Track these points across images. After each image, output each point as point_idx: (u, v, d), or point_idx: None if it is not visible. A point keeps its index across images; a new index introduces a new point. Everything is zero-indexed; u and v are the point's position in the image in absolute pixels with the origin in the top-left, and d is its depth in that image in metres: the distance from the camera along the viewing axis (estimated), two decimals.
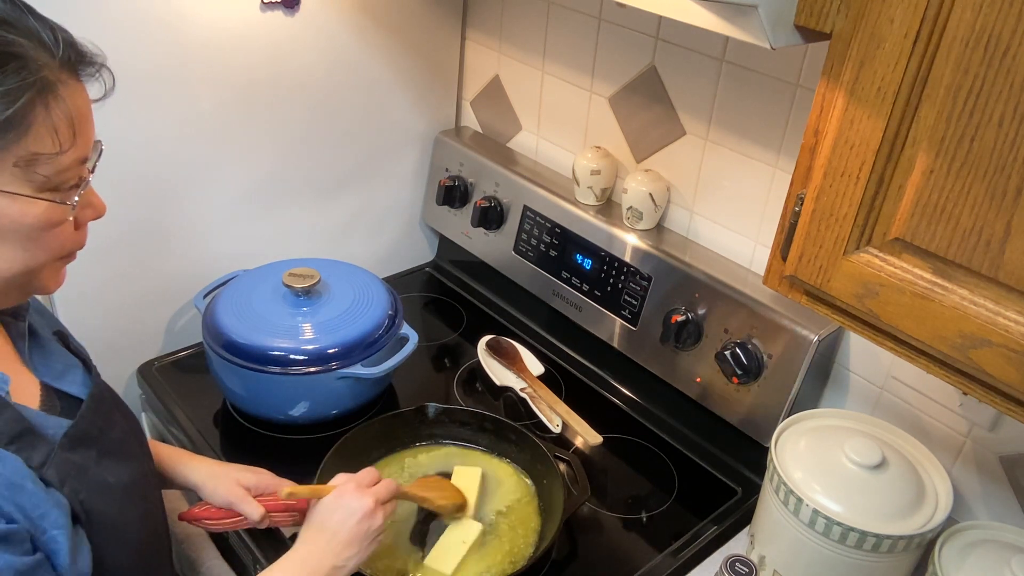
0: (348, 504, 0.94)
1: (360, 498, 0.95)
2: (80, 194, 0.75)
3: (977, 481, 1.08)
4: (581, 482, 1.15)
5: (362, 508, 0.94)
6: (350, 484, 0.97)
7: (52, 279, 0.79)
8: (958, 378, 0.71)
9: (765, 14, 0.71)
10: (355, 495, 0.95)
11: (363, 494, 0.95)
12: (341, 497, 0.95)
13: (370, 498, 0.95)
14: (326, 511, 0.95)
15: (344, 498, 0.95)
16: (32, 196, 0.70)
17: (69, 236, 0.77)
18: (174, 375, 1.39)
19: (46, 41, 0.69)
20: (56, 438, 0.77)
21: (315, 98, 1.43)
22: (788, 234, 0.79)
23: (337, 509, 0.94)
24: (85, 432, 0.81)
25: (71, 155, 0.71)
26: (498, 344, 1.47)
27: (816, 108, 0.74)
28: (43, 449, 0.75)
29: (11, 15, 0.68)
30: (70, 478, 0.76)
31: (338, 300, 1.29)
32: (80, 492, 0.77)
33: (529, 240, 1.50)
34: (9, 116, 0.66)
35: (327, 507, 0.95)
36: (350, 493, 0.95)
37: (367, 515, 0.94)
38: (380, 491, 0.97)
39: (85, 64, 0.73)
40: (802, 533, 0.99)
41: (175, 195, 1.34)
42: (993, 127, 0.62)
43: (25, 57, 0.67)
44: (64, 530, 0.73)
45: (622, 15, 1.33)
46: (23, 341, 0.85)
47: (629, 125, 1.39)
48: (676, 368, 1.31)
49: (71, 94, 0.71)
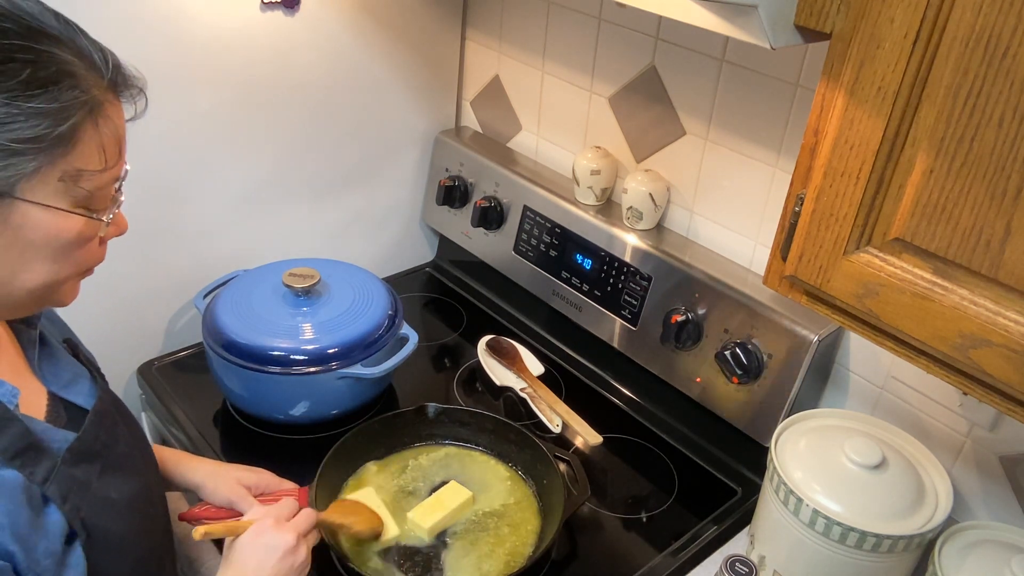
0: (268, 542, 0.90)
1: (280, 534, 0.90)
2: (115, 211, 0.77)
3: (977, 481, 1.08)
4: (581, 482, 1.15)
5: (283, 544, 0.89)
6: (268, 520, 0.92)
7: (70, 293, 0.80)
8: (958, 378, 0.71)
9: (765, 14, 0.71)
10: (274, 532, 0.91)
11: (282, 529, 0.91)
12: (260, 535, 0.90)
13: (291, 533, 0.91)
14: (244, 551, 0.89)
15: (263, 536, 0.90)
16: (70, 211, 0.71)
17: (95, 252, 0.78)
18: (174, 375, 1.39)
19: (96, 62, 0.71)
20: (60, 452, 0.77)
21: (315, 98, 1.43)
22: (788, 234, 0.79)
23: (257, 548, 0.89)
24: (89, 447, 0.81)
25: (112, 173, 0.74)
26: (498, 344, 1.47)
27: (816, 108, 0.74)
28: (46, 464, 0.75)
29: (65, 34, 0.69)
30: (72, 494, 0.76)
31: (338, 300, 1.29)
32: (81, 509, 0.77)
33: (529, 240, 1.50)
34: (62, 132, 0.67)
35: (245, 547, 0.90)
36: (269, 530, 0.91)
37: (289, 551, 0.90)
38: (300, 523, 0.93)
39: (128, 87, 0.75)
40: (802, 533, 0.99)
41: (175, 195, 1.34)
42: (993, 127, 0.62)
43: (78, 76, 0.68)
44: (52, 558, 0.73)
45: (622, 15, 1.33)
46: (33, 349, 0.85)
47: (629, 125, 1.39)
48: (676, 368, 1.31)
49: (116, 114, 0.73)
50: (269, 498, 1.06)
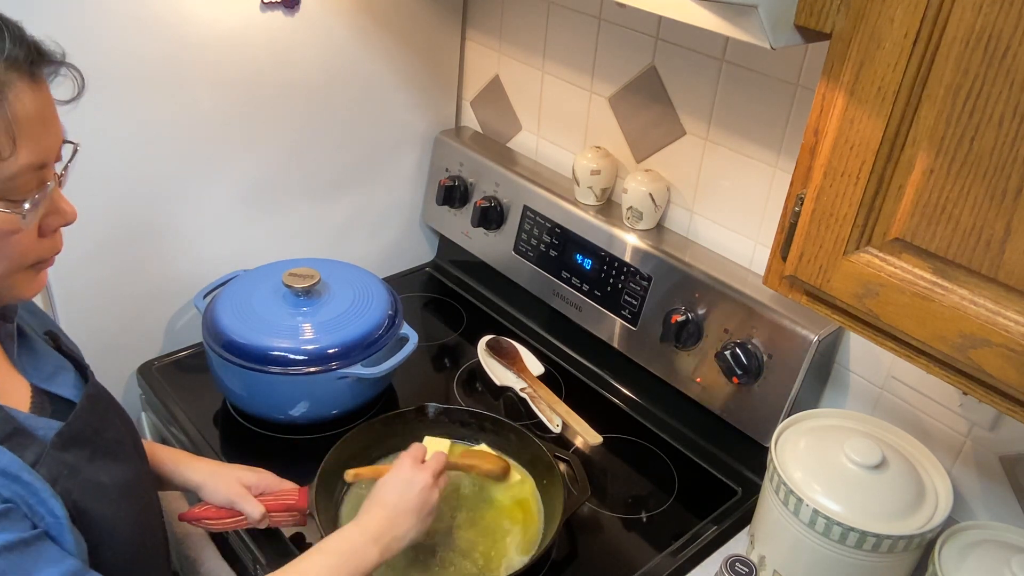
0: (407, 477, 0.99)
1: (417, 472, 0.99)
2: (36, 201, 0.70)
3: (977, 481, 1.08)
4: (581, 482, 1.15)
5: (421, 481, 0.98)
6: (407, 459, 1.01)
7: (26, 286, 0.76)
8: (958, 378, 0.71)
9: (765, 14, 0.71)
10: (412, 469, 1.00)
11: (420, 469, 1.00)
12: (400, 471, 1.00)
13: (427, 472, 1.00)
14: (386, 487, 0.98)
15: (403, 472, 0.99)
16: None
17: (32, 244, 0.73)
18: (174, 375, 1.39)
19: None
20: (47, 438, 0.77)
21: (315, 98, 1.43)
22: (788, 234, 0.79)
23: (397, 483, 0.98)
24: (79, 432, 0.80)
25: (17, 162, 0.67)
26: (498, 344, 1.47)
27: (816, 108, 0.74)
28: (34, 449, 0.75)
29: None
30: (62, 477, 0.76)
31: (338, 300, 1.29)
32: (72, 492, 0.76)
33: (529, 240, 1.50)
34: None
35: (386, 483, 0.99)
36: (408, 468, 1.00)
37: (425, 488, 0.98)
38: (433, 464, 1.02)
39: (41, 63, 0.69)
40: (802, 533, 0.99)
41: (175, 195, 1.34)
42: (993, 127, 0.62)
43: None
44: (62, 519, 0.73)
45: (622, 15, 1.33)
46: (12, 343, 0.84)
47: (629, 125, 1.39)
48: (676, 368, 1.31)
49: (17, 97, 0.66)
50: (269, 498, 1.06)
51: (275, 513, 1.06)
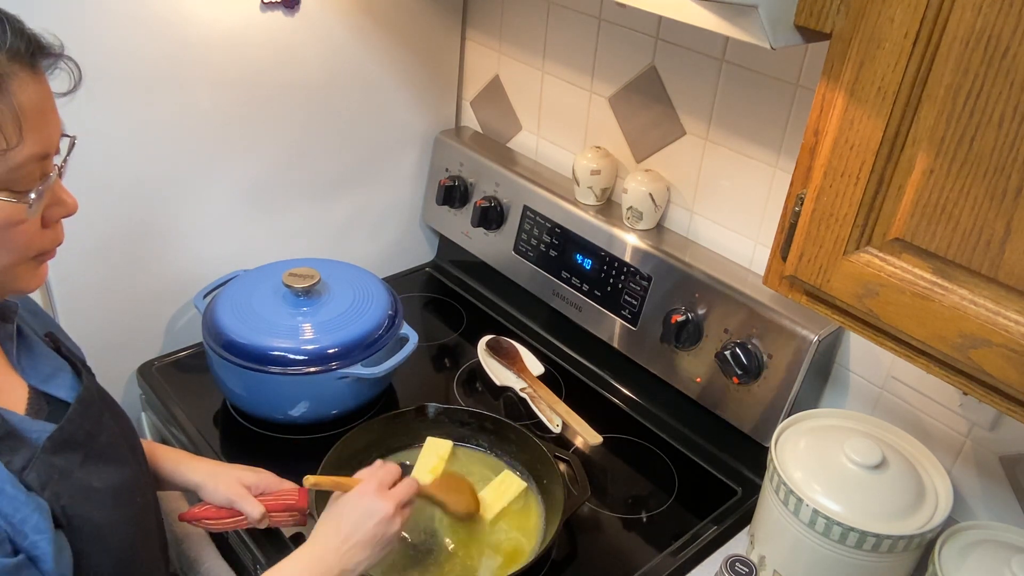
0: (368, 506, 0.93)
1: (380, 500, 0.94)
2: (40, 191, 0.71)
3: (977, 481, 1.08)
4: (581, 482, 1.15)
5: (381, 511, 0.93)
6: (372, 483, 0.95)
7: (29, 278, 0.77)
8: (958, 378, 0.71)
9: (765, 14, 0.71)
10: (375, 497, 0.94)
11: (383, 497, 0.94)
12: (362, 496, 0.94)
13: (391, 502, 0.94)
14: (345, 509, 0.94)
15: (364, 498, 0.94)
16: None
17: (36, 235, 0.74)
18: (174, 375, 1.39)
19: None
20: (40, 442, 0.76)
21: (315, 98, 1.43)
22: (788, 234, 0.79)
23: (356, 509, 0.93)
24: (71, 436, 0.80)
25: (23, 151, 0.68)
26: (498, 344, 1.47)
27: (816, 108, 0.74)
28: (25, 453, 0.74)
29: None
30: (52, 482, 0.76)
31: (338, 300, 1.29)
32: (62, 497, 0.76)
33: (529, 240, 1.50)
34: None
35: (346, 505, 0.94)
36: (371, 494, 0.94)
37: (385, 520, 0.93)
38: (400, 494, 0.96)
39: (41, 55, 0.70)
40: (802, 533, 0.99)
41: (175, 195, 1.34)
42: (993, 127, 0.62)
43: None
44: (46, 535, 0.72)
45: (622, 15, 1.33)
46: (11, 343, 0.84)
47: (629, 125, 1.39)
48: (676, 368, 1.31)
49: (21, 88, 0.67)
50: (269, 498, 1.06)
51: (275, 513, 1.06)
